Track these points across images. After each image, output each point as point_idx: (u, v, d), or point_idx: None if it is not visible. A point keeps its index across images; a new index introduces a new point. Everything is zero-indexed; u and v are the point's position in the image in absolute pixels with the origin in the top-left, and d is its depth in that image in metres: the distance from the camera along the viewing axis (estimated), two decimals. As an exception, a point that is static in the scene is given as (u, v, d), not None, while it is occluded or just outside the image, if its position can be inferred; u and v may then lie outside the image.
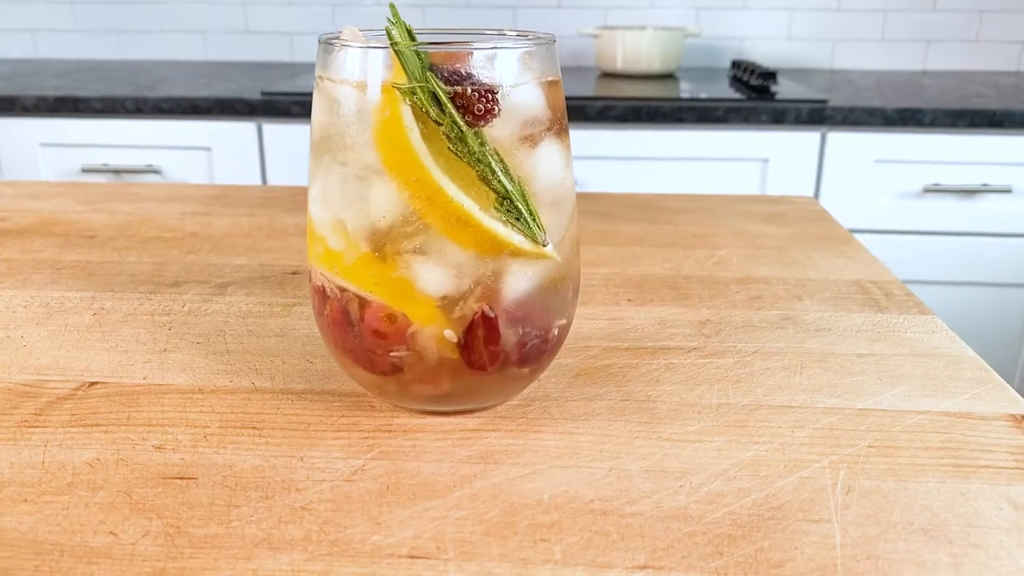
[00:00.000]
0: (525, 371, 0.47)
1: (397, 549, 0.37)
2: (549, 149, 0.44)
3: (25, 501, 0.40)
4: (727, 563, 0.36)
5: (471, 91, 0.41)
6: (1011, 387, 0.50)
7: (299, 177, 1.70)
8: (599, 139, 1.67)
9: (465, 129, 0.41)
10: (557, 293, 0.46)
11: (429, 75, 0.41)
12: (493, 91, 0.41)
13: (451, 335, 0.43)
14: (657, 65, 1.99)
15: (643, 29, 2.01)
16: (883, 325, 0.59)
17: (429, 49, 0.41)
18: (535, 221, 0.43)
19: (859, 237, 1.65)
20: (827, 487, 0.41)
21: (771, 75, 1.75)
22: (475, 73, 0.42)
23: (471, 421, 0.47)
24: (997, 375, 0.52)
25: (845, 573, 0.35)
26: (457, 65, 0.41)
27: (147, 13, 2.26)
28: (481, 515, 0.39)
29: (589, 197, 0.91)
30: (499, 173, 0.42)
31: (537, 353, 0.46)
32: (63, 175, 1.77)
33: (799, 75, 2.03)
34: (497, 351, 0.44)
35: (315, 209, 0.46)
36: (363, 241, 0.43)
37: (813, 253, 0.73)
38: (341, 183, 0.44)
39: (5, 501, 0.40)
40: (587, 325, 0.59)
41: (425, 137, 0.41)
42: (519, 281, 0.44)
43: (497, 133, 0.42)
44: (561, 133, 0.45)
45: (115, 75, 2.01)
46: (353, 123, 0.43)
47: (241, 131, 1.72)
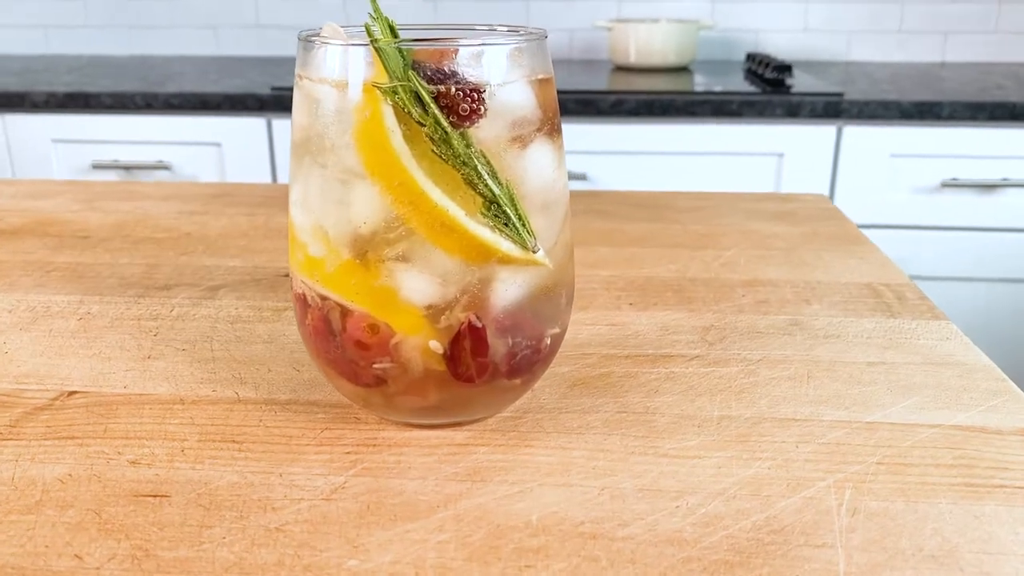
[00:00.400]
0: (516, 382, 0.45)
1: (374, 575, 0.35)
2: (540, 150, 0.42)
3: (-11, 521, 0.38)
4: (723, 592, 0.34)
5: (456, 90, 0.39)
6: (1029, 398, 0.48)
7: (307, 173, 1.68)
8: (611, 133, 1.64)
9: (449, 130, 0.39)
10: (549, 301, 0.44)
11: (411, 74, 0.39)
12: (479, 90, 0.39)
13: (436, 346, 0.41)
14: (671, 58, 1.97)
15: (656, 22, 1.98)
16: (895, 331, 0.56)
17: (411, 46, 0.39)
18: (524, 226, 0.41)
19: (875, 233, 1.62)
20: (832, 508, 0.39)
21: (786, 68, 1.71)
22: (460, 71, 0.39)
23: (460, 435, 0.45)
24: (1014, 385, 0.49)
25: (848, 604, 0.33)
26: (441, 63, 0.39)
27: (158, 8, 2.25)
28: (464, 538, 0.37)
29: (592, 195, 0.89)
30: (486, 176, 0.40)
31: (528, 364, 0.44)
32: (74, 171, 1.76)
33: (815, 68, 1.99)
34: (485, 363, 0.42)
35: (296, 214, 0.44)
36: (345, 247, 0.41)
37: (824, 254, 0.71)
38: (322, 187, 0.42)
39: (-31, 521, 0.39)
40: (586, 331, 0.56)
41: (408, 139, 0.39)
42: (508, 289, 0.42)
43: (484, 134, 0.40)
44: (552, 133, 0.43)
45: (125, 71, 2.00)
46: (333, 124, 0.41)
47: (251, 127, 1.70)
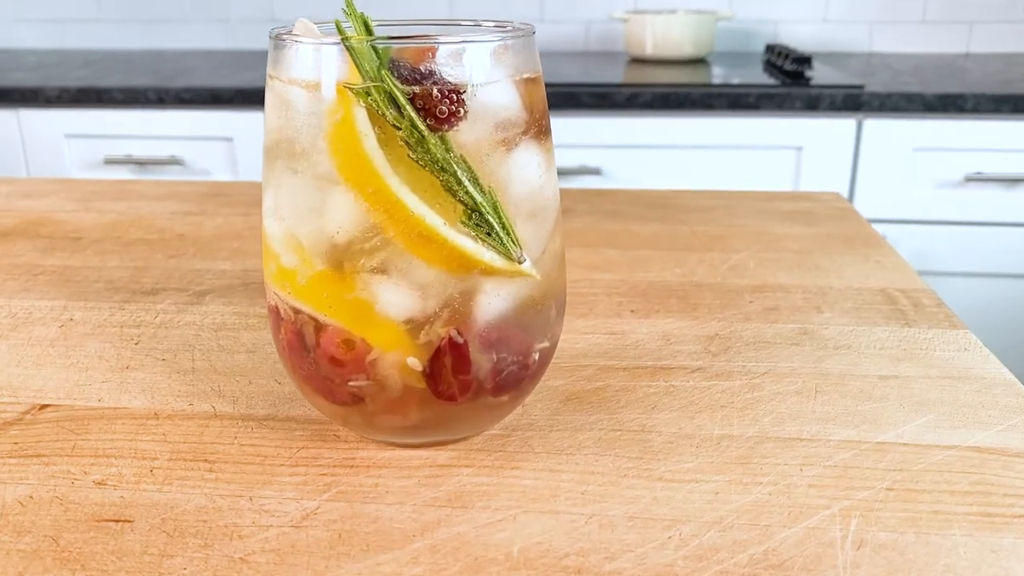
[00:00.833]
0: (503, 399, 0.42)
1: (340, 613, 0.33)
2: (526, 154, 0.40)
3: (-61, 549, 0.36)
4: (714, 637, 0.31)
5: (434, 91, 0.36)
6: (1052, 416, 0.45)
7: (317, 168, 1.66)
8: (627, 127, 1.61)
9: (426, 134, 0.36)
10: (537, 314, 0.42)
11: (384, 73, 0.36)
12: (459, 91, 0.37)
13: (415, 363, 0.39)
14: (688, 50, 1.93)
15: (674, 13, 1.95)
16: (910, 341, 0.53)
17: (384, 44, 0.36)
18: (509, 235, 0.39)
19: (896, 228, 1.58)
20: (836, 540, 0.36)
21: (806, 60, 1.68)
22: (438, 71, 0.37)
23: (443, 455, 0.42)
24: (1037, 401, 0.46)
25: (851, 652, 0.31)
26: (418, 62, 0.37)
27: (172, 2, 2.23)
28: (439, 572, 0.35)
29: (600, 194, 0.86)
30: (466, 183, 0.37)
31: (515, 380, 0.41)
32: (88, 167, 1.75)
33: (835, 59, 1.95)
34: (468, 380, 0.40)
35: (268, 222, 0.41)
36: (318, 258, 0.39)
37: (837, 257, 0.68)
38: (294, 193, 0.40)
39: (-82, 549, 0.36)
40: (583, 341, 0.54)
41: (382, 143, 0.37)
42: (492, 302, 0.39)
43: (465, 138, 0.37)
44: (540, 136, 0.41)
45: (138, 65, 1.99)
46: (305, 127, 0.38)
47: (262, 121, 1.68)
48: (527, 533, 0.37)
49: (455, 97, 0.37)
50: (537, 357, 0.42)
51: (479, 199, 0.38)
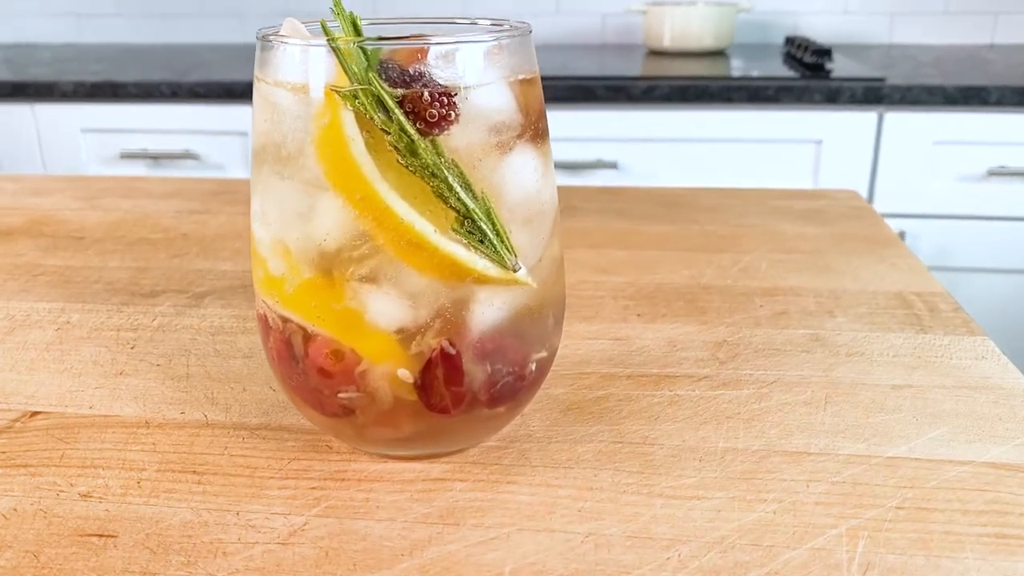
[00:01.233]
0: (499, 411, 0.41)
1: (322, 638, 0.31)
2: (521, 158, 0.38)
3: (-83, 566, 0.36)
4: (711, 667, 0.30)
5: (424, 94, 0.35)
6: (1072, 429, 0.43)
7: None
8: (644, 120, 1.59)
9: (416, 138, 0.35)
10: (534, 323, 0.40)
11: (372, 76, 0.35)
12: (450, 93, 0.35)
13: (405, 375, 0.38)
14: (707, 42, 1.90)
15: (692, 4, 1.92)
16: (925, 348, 0.51)
17: (373, 45, 0.35)
18: (503, 243, 0.37)
19: (917, 223, 1.56)
20: (842, 563, 0.34)
21: (826, 52, 1.65)
22: (429, 72, 0.35)
23: (436, 468, 0.41)
24: (1056, 413, 0.44)
25: None
26: (407, 63, 0.35)
27: (187, -5, 2.23)
28: (427, 594, 0.33)
29: (609, 192, 0.84)
30: (458, 188, 0.36)
31: (511, 392, 0.40)
32: (103, 161, 1.75)
33: (856, 51, 1.92)
34: (461, 392, 0.38)
35: (256, 227, 0.40)
36: (306, 265, 0.38)
37: (852, 258, 0.66)
38: (281, 198, 0.38)
39: None
40: (586, 347, 0.52)
41: (371, 148, 0.36)
42: (486, 312, 0.38)
43: (456, 142, 0.36)
44: (536, 139, 0.39)
45: (153, 59, 1.99)
46: (292, 131, 0.37)
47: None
48: (520, 553, 0.35)
49: (446, 100, 0.35)
50: (534, 368, 0.41)
51: (471, 205, 0.36)
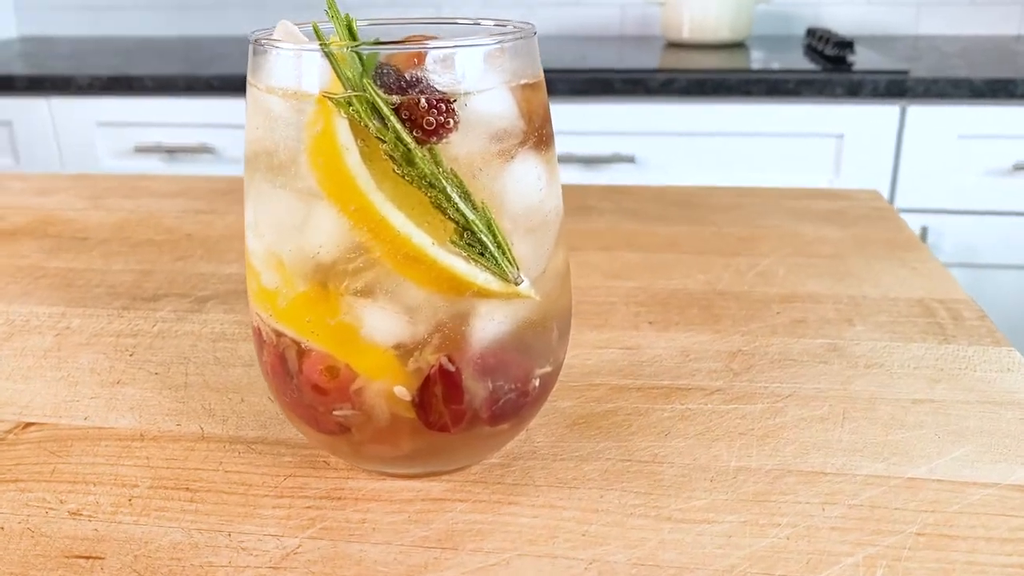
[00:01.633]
0: (502, 427, 0.39)
1: (310, 673, 0.30)
2: (524, 167, 0.37)
3: (-103, 589, 0.34)
4: None
5: (421, 100, 0.33)
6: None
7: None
8: (661, 113, 1.57)
9: (413, 147, 0.33)
10: (537, 337, 0.39)
11: (366, 82, 0.33)
12: (448, 100, 0.34)
13: (403, 392, 0.36)
14: (726, 33, 1.87)
15: (711, -5, 1.89)
16: (948, 359, 0.49)
17: (367, 50, 0.33)
18: (504, 255, 0.36)
19: (941, 219, 1.53)
20: (859, 595, 0.33)
21: (848, 44, 1.62)
22: (426, 77, 0.34)
23: (437, 487, 0.40)
24: (1086, 431, 0.42)
25: None
26: (404, 69, 0.34)
27: (203, -12, 2.22)
28: (421, 626, 0.32)
29: (623, 191, 0.82)
30: (457, 199, 0.34)
31: (514, 408, 0.39)
32: (119, 155, 1.74)
33: (879, 43, 1.89)
34: (461, 410, 0.37)
35: (249, 238, 0.39)
36: (300, 278, 0.36)
37: (873, 262, 0.64)
38: (274, 208, 0.37)
39: None
40: (596, 356, 0.51)
41: (366, 157, 0.34)
42: (487, 326, 0.36)
43: (456, 150, 0.34)
44: (540, 146, 0.37)
45: (170, 52, 1.98)
46: (284, 139, 0.35)
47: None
48: (520, 581, 0.34)
49: (444, 107, 0.34)
50: (538, 383, 0.39)
51: (471, 216, 0.35)
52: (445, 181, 0.34)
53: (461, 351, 0.36)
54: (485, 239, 0.35)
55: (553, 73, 1.57)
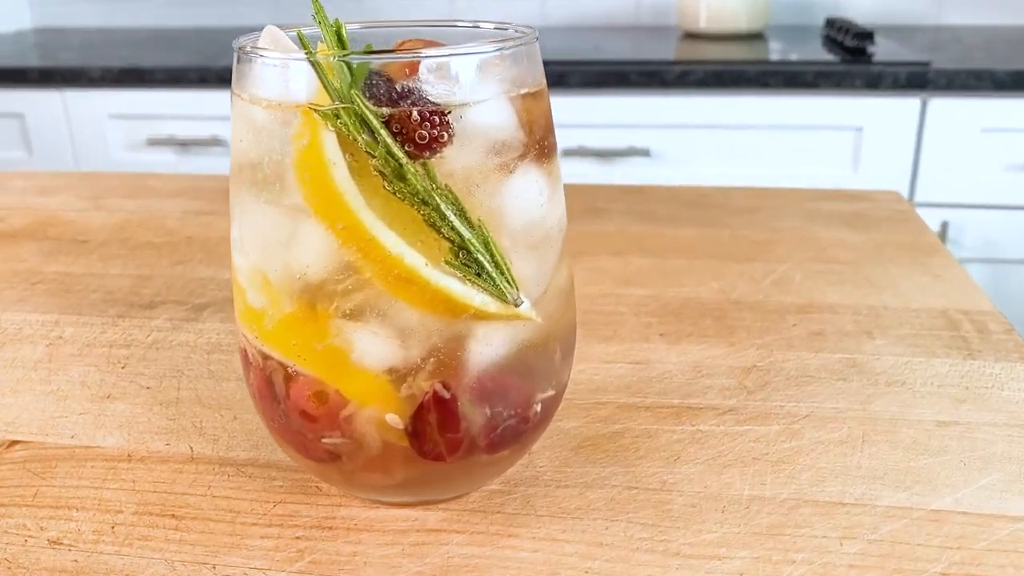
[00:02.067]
0: (502, 454, 0.37)
1: None
2: (524, 181, 0.35)
3: None
4: None
5: (413, 112, 0.31)
6: None
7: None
8: (677, 106, 1.54)
9: (405, 162, 0.31)
10: (539, 359, 0.37)
11: (354, 93, 0.31)
12: (442, 112, 0.32)
13: (395, 420, 0.34)
14: (743, 23, 1.84)
15: (729, -16, 1.86)
16: (973, 377, 0.47)
17: (357, 59, 0.31)
18: (503, 275, 0.34)
19: (962, 214, 1.49)
20: (879, 643, 0.31)
21: (868, 35, 1.58)
22: (419, 88, 0.32)
23: (433, 516, 0.38)
24: (1121, 457, 0.40)
25: None
26: (395, 79, 0.32)
27: (216, -22, 2.20)
28: (411, 674, 0.30)
29: (634, 192, 0.80)
30: (451, 217, 0.32)
31: (513, 435, 0.37)
32: (131, 148, 1.73)
33: (900, 33, 1.85)
34: (457, 439, 0.35)
35: (234, 255, 0.37)
36: (287, 299, 0.34)
37: (894, 269, 0.61)
38: (260, 224, 0.35)
39: None
40: (604, 372, 0.49)
41: (355, 172, 0.32)
42: (485, 350, 0.34)
43: (451, 165, 0.32)
44: (542, 158, 0.35)
45: (183, 44, 1.96)
46: (270, 153, 0.33)
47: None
48: (518, 623, 0.32)
49: (438, 119, 0.32)
50: (539, 408, 0.37)
51: (467, 235, 0.33)
52: (439, 198, 0.32)
53: (457, 376, 0.34)
54: (482, 258, 0.33)
55: (566, 65, 1.55)
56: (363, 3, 2.05)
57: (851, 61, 1.51)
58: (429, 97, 0.32)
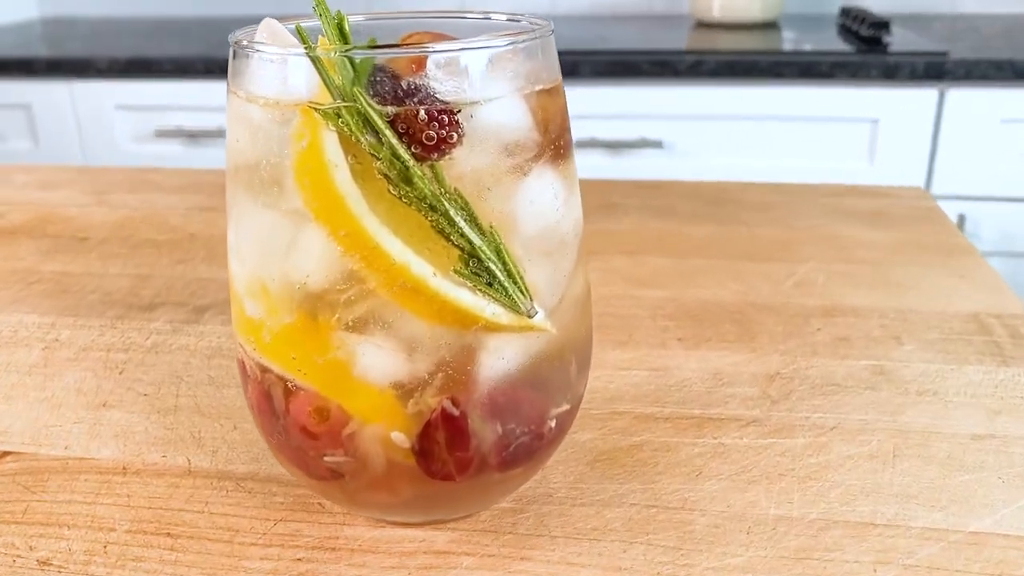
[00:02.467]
0: (515, 472, 0.35)
1: None
2: (539, 183, 0.32)
3: None
4: None
5: (420, 112, 0.29)
6: None
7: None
8: (690, 96, 1.51)
9: (411, 164, 0.29)
10: (553, 372, 0.35)
11: (357, 91, 0.29)
12: (451, 111, 0.30)
13: (401, 439, 0.32)
14: (757, 12, 1.81)
15: (742, -27, 1.83)
16: (1008, 386, 0.45)
17: (359, 55, 0.29)
18: (516, 284, 0.32)
19: (981, 206, 1.47)
20: None
21: (884, 24, 1.55)
22: (427, 85, 0.30)
23: (441, 537, 0.36)
24: None
25: None
26: (401, 75, 0.30)
27: (222, -33, 2.18)
28: None
29: (651, 187, 0.78)
30: (461, 223, 0.30)
31: (527, 453, 0.35)
32: (138, 139, 1.71)
33: (917, 22, 1.82)
34: (467, 457, 0.33)
35: (231, 261, 0.35)
36: (286, 309, 0.32)
37: (920, 269, 0.59)
38: (258, 231, 0.33)
39: None
40: (620, 379, 0.47)
41: (358, 175, 0.30)
42: (496, 363, 0.32)
43: (460, 168, 0.30)
44: (557, 159, 0.33)
45: (188, 34, 1.95)
46: (268, 154, 0.31)
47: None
48: (531, 657, 0.30)
49: (447, 118, 0.30)
50: (554, 424, 0.35)
51: (478, 242, 0.31)
52: (448, 203, 0.30)
53: (467, 391, 0.32)
54: (494, 267, 0.31)
55: (577, 55, 1.52)
56: (371, -8, 2.03)
57: (867, 51, 1.49)
58: (437, 95, 0.30)
